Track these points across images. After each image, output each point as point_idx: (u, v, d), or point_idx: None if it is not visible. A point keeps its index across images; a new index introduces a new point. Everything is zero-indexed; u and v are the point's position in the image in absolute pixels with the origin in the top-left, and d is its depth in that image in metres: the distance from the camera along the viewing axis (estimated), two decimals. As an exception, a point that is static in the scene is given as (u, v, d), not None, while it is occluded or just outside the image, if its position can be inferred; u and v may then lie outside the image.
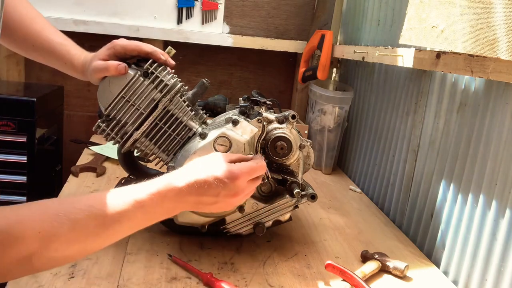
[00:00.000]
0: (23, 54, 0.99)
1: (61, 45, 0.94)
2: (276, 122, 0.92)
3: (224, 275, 0.84)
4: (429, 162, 1.10)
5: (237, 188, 0.74)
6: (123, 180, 0.97)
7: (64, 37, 0.96)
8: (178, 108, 0.89)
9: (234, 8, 1.85)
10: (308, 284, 0.85)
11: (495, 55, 0.76)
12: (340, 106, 1.52)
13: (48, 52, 0.93)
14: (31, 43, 0.93)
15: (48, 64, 0.97)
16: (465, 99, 0.97)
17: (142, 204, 0.64)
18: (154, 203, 0.66)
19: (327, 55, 1.61)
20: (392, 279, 0.91)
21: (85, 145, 1.53)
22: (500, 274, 0.81)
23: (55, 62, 0.95)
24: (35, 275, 0.77)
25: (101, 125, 0.89)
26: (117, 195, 0.63)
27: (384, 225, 1.18)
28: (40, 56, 0.95)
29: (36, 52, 0.94)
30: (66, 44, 0.94)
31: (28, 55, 0.98)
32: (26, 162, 1.41)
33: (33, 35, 0.92)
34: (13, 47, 0.96)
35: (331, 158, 1.58)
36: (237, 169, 0.74)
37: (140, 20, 1.77)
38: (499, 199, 0.83)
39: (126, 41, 0.89)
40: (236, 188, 0.73)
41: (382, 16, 1.40)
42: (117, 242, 0.89)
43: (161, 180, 0.69)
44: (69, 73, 0.96)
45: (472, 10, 0.83)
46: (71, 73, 0.95)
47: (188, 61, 1.89)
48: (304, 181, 0.96)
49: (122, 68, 0.86)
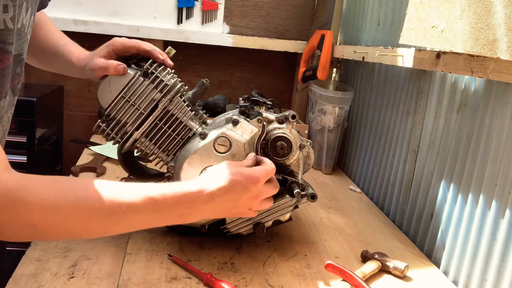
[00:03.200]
0: (29, 60, 0.98)
1: (63, 45, 0.94)
2: (276, 122, 0.92)
3: (224, 275, 0.84)
4: (429, 162, 1.10)
5: (258, 191, 0.75)
6: (123, 180, 0.97)
7: (62, 35, 0.96)
8: (178, 108, 0.89)
9: (234, 8, 1.85)
10: (308, 284, 0.85)
11: (495, 55, 0.76)
12: (340, 106, 1.52)
13: (51, 54, 0.94)
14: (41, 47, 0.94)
15: (49, 67, 0.97)
16: (465, 99, 0.97)
17: (154, 201, 0.63)
18: (167, 203, 0.65)
19: (327, 55, 1.61)
20: (392, 279, 0.91)
21: (85, 145, 1.53)
22: (500, 274, 0.81)
23: (56, 63, 0.95)
24: (35, 275, 0.77)
25: (101, 125, 0.89)
26: (130, 186, 0.64)
27: (384, 225, 1.18)
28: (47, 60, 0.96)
29: (44, 56, 0.95)
30: (66, 44, 0.95)
31: (34, 60, 0.98)
32: (26, 162, 1.41)
33: (39, 38, 0.93)
34: None
35: (331, 158, 1.58)
36: (257, 172, 0.75)
37: (140, 20, 1.77)
38: (499, 199, 0.83)
39: (126, 39, 0.90)
40: (258, 190, 0.75)
41: (382, 16, 1.40)
42: (117, 242, 0.90)
43: (177, 185, 0.68)
44: (68, 72, 0.96)
45: (472, 10, 0.83)
46: (70, 71, 0.95)
47: (188, 61, 1.89)
48: (304, 181, 0.96)
49: (121, 69, 0.86)
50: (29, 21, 0.73)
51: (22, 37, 0.71)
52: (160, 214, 0.65)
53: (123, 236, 0.94)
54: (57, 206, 0.57)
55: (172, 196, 0.65)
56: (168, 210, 0.66)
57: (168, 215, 0.67)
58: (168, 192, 0.65)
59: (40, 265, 0.80)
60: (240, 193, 0.72)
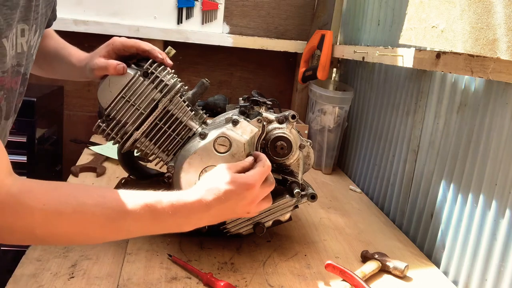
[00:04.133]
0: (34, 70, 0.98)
1: (62, 48, 0.95)
2: (276, 122, 0.92)
3: (224, 275, 0.84)
4: (429, 162, 1.10)
5: (254, 196, 0.75)
6: (123, 180, 0.97)
7: (61, 39, 0.97)
8: (178, 108, 0.89)
9: (234, 8, 1.85)
10: (308, 284, 0.85)
11: (495, 55, 0.76)
12: (340, 106, 1.52)
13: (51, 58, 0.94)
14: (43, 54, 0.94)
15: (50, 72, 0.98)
16: (465, 99, 0.97)
17: (152, 209, 0.64)
18: (166, 213, 0.66)
19: (327, 55, 1.61)
20: (392, 279, 0.91)
21: (85, 145, 1.53)
22: (500, 274, 0.81)
23: (57, 66, 0.96)
24: (35, 275, 0.77)
25: (101, 125, 0.89)
26: (130, 195, 0.64)
27: (384, 225, 1.18)
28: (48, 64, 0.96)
29: (45, 61, 0.95)
30: (66, 47, 0.95)
31: (36, 68, 0.97)
32: (26, 162, 1.41)
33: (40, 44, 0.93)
34: None
35: (331, 158, 1.58)
36: (251, 178, 0.74)
37: (140, 20, 1.77)
38: (499, 199, 0.83)
39: (125, 39, 0.90)
40: (253, 196, 0.75)
41: (382, 16, 1.40)
42: (117, 242, 0.90)
43: (176, 195, 0.69)
44: (69, 75, 0.97)
45: (472, 10, 0.83)
46: (71, 74, 0.96)
47: (188, 61, 1.89)
48: (304, 181, 0.96)
49: (120, 68, 0.86)
50: (36, 42, 0.74)
51: (28, 58, 0.72)
52: (158, 222, 0.66)
53: (123, 236, 0.94)
54: (58, 212, 0.58)
55: (170, 206, 0.66)
56: (166, 219, 0.67)
57: (166, 223, 0.68)
58: (167, 202, 0.66)
59: (40, 265, 0.80)
60: (236, 202, 0.72)
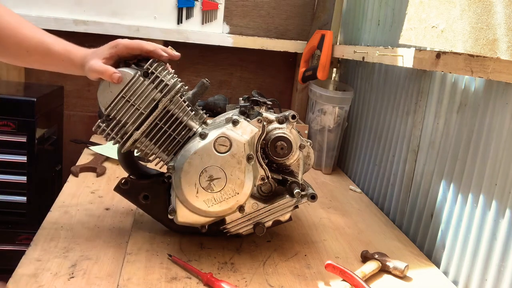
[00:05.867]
0: (19, 63, 0.99)
1: (55, 44, 0.93)
2: (276, 122, 0.92)
3: (224, 275, 0.84)
4: (429, 162, 1.10)
5: None
6: (123, 180, 0.97)
7: (55, 37, 0.96)
8: (178, 108, 0.89)
9: (234, 8, 1.85)
10: (308, 284, 0.85)
11: (495, 55, 0.76)
12: (340, 106, 1.52)
13: (43, 53, 0.93)
14: (25, 48, 0.92)
15: (45, 67, 0.96)
16: (465, 99, 0.97)
17: None
18: None
19: (327, 55, 1.61)
20: (392, 279, 0.91)
21: (85, 145, 1.53)
22: (500, 274, 0.81)
23: (52, 62, 0.94)
24: (35, 275, 0.77)
25: (101, 125, 0.89)
26: None
27: (384, 225, 1.18)
28: (36, 60, 0.95)
29: (31, 57, 0.93)
30: (60, 42, 0.94)
31: (25, 63, 0.97)
32: (26, 162, 1.41)
33: (25, 40, 0.92)
34: (7, 58, 0.95)
35: (331, 158, 1.58)
36: None
37: (140, 20, 1.77)
38: (499, 199, 0.83)
39: (129, 41, 0.89)
40: None
41: (382, 16, 1.40)
42: (117, 242, 0.91)
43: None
44: (66, 70, 0.95)
45: (472, 10, 0.83)
46: (69, 69, 0.94)
47: (188, 61, 1.89)
48: (304, 181, 0.96)
49: (116, 78, 0.86)
50: None
51: None
52: None
53: (123, 236, 0.94)
54: None
55: None
56: None
57: None
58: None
59: (40, 265, 0.80)
60: None
